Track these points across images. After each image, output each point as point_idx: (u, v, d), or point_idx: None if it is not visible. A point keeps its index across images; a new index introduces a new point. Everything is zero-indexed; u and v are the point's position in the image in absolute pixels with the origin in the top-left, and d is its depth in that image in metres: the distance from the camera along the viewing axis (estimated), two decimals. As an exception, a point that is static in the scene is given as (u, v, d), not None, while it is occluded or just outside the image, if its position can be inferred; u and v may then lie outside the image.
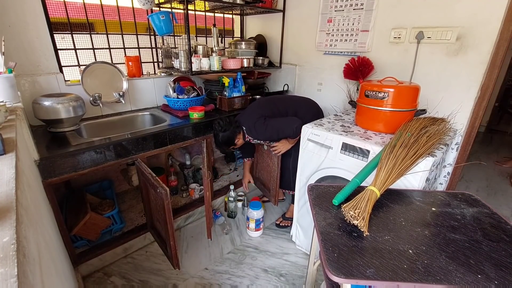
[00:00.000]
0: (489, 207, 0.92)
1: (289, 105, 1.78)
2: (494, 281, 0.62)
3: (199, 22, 2.38)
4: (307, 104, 1.83)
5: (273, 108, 1.73)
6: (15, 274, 0.38)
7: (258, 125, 1.63)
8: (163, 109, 2.01)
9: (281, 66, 2.39)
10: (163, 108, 2.02)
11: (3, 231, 0.45)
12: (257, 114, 1.67)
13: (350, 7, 1.82)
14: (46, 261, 0.73)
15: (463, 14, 1.37)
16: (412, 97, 1.32)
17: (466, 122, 1.48)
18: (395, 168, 0.98)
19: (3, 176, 0.62)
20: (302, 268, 1.67)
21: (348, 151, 1.32)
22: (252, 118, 1.67)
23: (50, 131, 1.53)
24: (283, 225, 2.01)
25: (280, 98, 1.87)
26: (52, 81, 1.64)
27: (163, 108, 2.02)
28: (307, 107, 1.80)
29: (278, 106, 1.75)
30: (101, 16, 1.83)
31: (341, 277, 0.64)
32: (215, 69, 1.93)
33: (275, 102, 1.78)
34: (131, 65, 1.94)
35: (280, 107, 1.74)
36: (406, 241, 0.76)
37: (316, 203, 0.94)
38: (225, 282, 1.56)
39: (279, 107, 1.74)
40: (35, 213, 0.80)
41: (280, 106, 1.74)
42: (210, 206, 1.79)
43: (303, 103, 1.82)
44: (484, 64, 1.36)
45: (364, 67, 1.72)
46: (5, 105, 0.90)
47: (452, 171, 1.56)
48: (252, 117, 1.67)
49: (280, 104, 1.76)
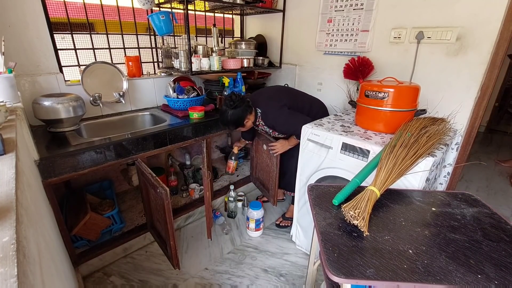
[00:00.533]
0: (489, 207, 0.92)
1: (306, 101, 1.75)
2: (494, 281, 0.62)
3: (199, 22, 2.38)
4: (319, 105, 1.82)
5: (294, 100, 1.68)
6: (15, 274, 0.38)
7: (280, 112, 1.56)
8: (163, 109, 2.01)
9: (281, 66, 2.39)
10: (163, 108, 2.02)
11: (3, 231, 0.45)
12: (279, 101, 1.60)
13: (350, 7, 1.82)
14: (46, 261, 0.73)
15: (463, 14, 1.37)
16: (412, 97, 1.32)
17: (466, 122, 1.48)
18: (395, 168, 0.98)
19: (3, 176, 0.62)
20: (302, 268, 1.67)
21: (348, 151, 1.32)
22: (274, 104, 1.60)
23: (50, 131, 1.53)
24: (283, 225, 2.01)
25: (299, 92, 1.85)
26: (52, 81, 1.64)
27: (163, 108, 2.02)
28: (318, 107, 1.79)
29: (298, 99, 1.71)
30: (101, 16, 1.83)
31: (341, 277, 0.64)
32: (215, 69, 1.93)
33: (295, 95, 1.74)
34: (131, 65, 1.94)
35: (299, 101, 1.70)
36: (406, 241, 0.76)
37: (316, 203, 0.94)
38: (225, 282, 1.56)
39: (298, 101, 1.70)
40: (35, 213, 0.80)
41: (299, 100, 1.71)
42: (210, 206, 1.79)
43: (316, 103, 1.80)
44: (484, 64, 1.36)
45: (364, 67, 1.72)
46: (5, 105, 0.90)
47: (452, 171, 1.56)
48: (274, 102, 1.60)
49: (299, 98, 1.74)
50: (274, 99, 1.64)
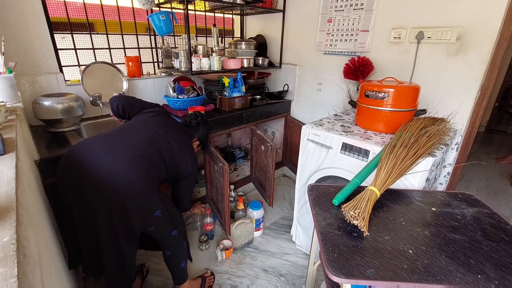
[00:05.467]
0: (489, 207, 0.92)
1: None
2: (494, 281, 0.62)
3: (199, 22, 2.38)
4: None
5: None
6: (15, 274, 0.38)
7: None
8: (163, 109, 2.01)
9: (281, 66, 2.39)
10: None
11: (3, 231, 0.45)
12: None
13: (350, 7, 1.82)
14: (46, 261, 0.73)
15: (463, 14, 1.37)
16: (412, 97, 1.32)
17: (466, 122, 1.48)
18: (395, 168, 0.98)
19: (3, 176, 0.62)
20: (302, 268, 1.67)
21: (348, 151, 1.32)
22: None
23: (50, 131, 1.53)
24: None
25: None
26: (52, 81, 1.64)
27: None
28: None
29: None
30: (101, 16, 1.83)
31: (341, 277, 0.64)
32: (215, 69, 1.93)
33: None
34: (131, 65, 1.94)
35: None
36: (406, 241, 0.76)
37: (316, 203, 0.94)
38: (225, 282, 1.56)
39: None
40: (35, 213, 0.80)
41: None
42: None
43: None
44: (484, 64, 1.36)
45: (364, 67, 1.72)
46: (5, 105, 0.90)
47: (452, 171, 1.56)
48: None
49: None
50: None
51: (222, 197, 1.68)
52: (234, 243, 1.77)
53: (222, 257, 1.70)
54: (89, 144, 1.10)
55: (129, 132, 1.19)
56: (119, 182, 1.02)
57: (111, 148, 1.08)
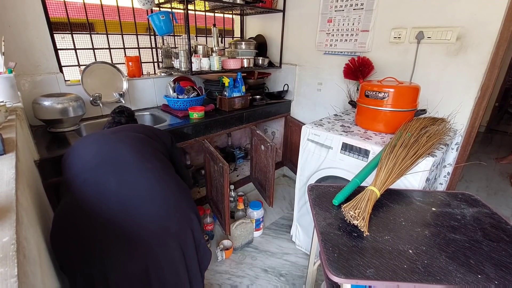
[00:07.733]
0: (489, 207, 0.92)
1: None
2: (494, 281, 0.62)
3: (199, 22, 2.38)
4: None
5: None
6: (15, 274, 0.38)
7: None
8: (163, 109, 2.01)
9: (281, 66, 2.39)
10: (163, 108, 2.02)
11: (3, 231, 0.45)
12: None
13: (350, 7, 1.82)
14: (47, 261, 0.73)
15: (463, 14, 1.37)
16: (412, 97, 1.32)
17: (466, 122, 1.48)
18: (395, 168, 0.98)
19: (3, 176, 0.62)
20: (302, 268, 1.67)
21: (348, 151, 1.32)
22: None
23: (50, 131, 1.53)
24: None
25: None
26: (52, 81, 1.64)
27: (163, 108, 2.02)
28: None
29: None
30: (101, 16, 1.83)
31: (341, 277, 0.64)
32: (215, 69, 1.93)
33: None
34: (131, 65, 1.94)
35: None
36: (406, 241, 0.76)
37: (316, 203, 0.94)
38: (225, 282, 1.56)
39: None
40: (35, 213, 0.80)
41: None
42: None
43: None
44: (484, 64, 1.36)
45: (364, 67, 1.72)
46: (5, 105, 0.90)
47: (452, 171, 1.56)
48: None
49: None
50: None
51: (222, 197, 1.68)
52: (234, 243, 1.77)
53: (222, 257, 1.70)
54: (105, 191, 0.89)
55: (122, 161, 1.00)
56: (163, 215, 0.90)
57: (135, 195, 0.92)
